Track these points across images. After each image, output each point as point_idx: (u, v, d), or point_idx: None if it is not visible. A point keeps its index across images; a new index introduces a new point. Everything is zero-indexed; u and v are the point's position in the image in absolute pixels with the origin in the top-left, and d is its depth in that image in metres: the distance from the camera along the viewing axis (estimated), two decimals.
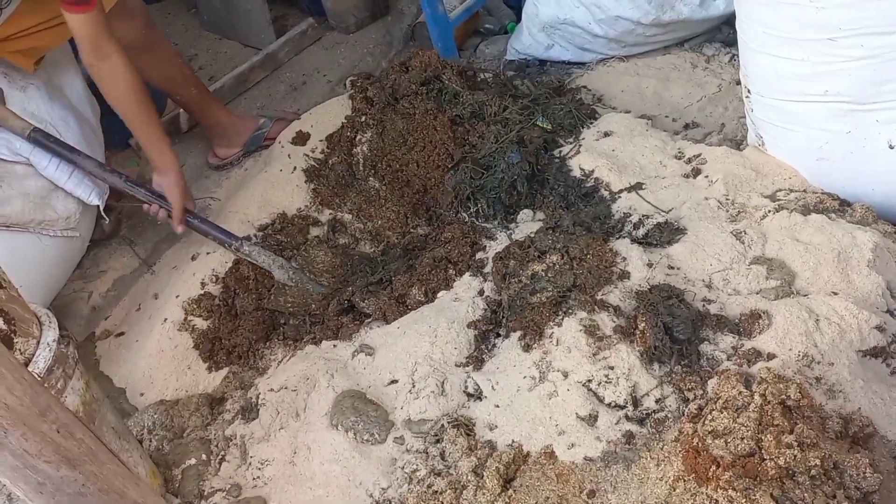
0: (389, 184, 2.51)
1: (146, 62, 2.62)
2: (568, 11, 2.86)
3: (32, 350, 1.49)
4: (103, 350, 2.44)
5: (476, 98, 2.49)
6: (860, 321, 1.67)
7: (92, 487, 1.19)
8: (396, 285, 2.15)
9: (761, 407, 1.47)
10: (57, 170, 2.33)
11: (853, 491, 1.38)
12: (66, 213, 2.39)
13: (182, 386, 2.21)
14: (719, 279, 1.85)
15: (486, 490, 1.54)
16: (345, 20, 3.59)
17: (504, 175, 2.27)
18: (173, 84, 2.82)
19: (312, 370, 1.94)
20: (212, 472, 1.91)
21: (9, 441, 1.07)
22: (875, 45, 1.81)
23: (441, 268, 2.14)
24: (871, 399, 1.58)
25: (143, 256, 2.71)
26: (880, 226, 1.93)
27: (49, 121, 2.36)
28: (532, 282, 1.89)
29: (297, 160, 2.66)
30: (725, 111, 2.65)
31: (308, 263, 2.37)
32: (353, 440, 1.73)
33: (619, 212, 2.12)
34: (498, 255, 2.02)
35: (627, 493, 1.50)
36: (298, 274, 2.32)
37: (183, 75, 2.82)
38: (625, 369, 1.66)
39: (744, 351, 1.66)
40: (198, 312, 2.31)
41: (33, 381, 1.13)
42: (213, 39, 3.81)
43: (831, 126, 1.98)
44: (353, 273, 2.33)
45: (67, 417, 1.19)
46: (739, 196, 2.09)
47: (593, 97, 2.81)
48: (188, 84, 2.83)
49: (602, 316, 1.76)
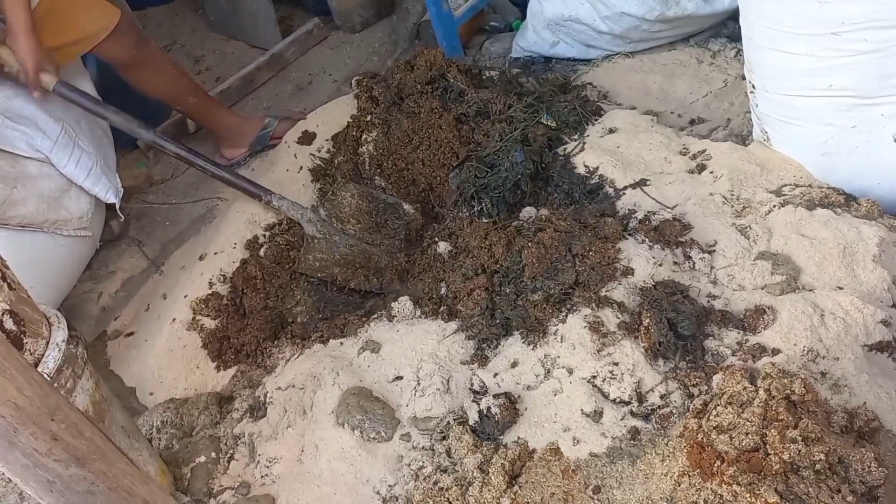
0: (395, 182, 2.52)
1: (141, 78, 2.67)
2: (573, 8, 2.86)
3: (42, 350, 1.51)
4: (113, 350, 2.46)
5: (481, 96, 2.49)
6: (865, 316, 1.67)
7: (101, 486, 1.20)
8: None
9: (766, 402, 1.47)
10: (76, 168, 2.38)
11: (858, 485, 1.37)
12: (79, 212, 2.43)
13: (191, 385, 2.23)
14: (724, 275, 1.85)
15: (491, 486, 1.55)
16: (350, 20, 3.60)
17: (508, 174, 2.27)
18: (171, 96, 2.86)
19: (319, 368, 1.95)
20: (221, 470, 1.93)
21: (19, 440, 1.08)
22: (879, 38, 1.80)
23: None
24: (877, 393, 1.58)
25: (152, 257, 2.73)
26: (886, 220, 1.93)
27: (65, 121, 2.42)
28: (533, 282, 1.90)
29: (304, 160, 2.68)
30: (731, 106, 2.64)
31: (335, 208, 2.40)
32: (359, 438, 1.74)
33: (624, 208, 2.12)
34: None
35: (633, 488, 1.50)
36: (326, 225, 2.36)
37: (180, 86, 2.84)
38: (629, 365, 1.66)
39: (748, 346, 1.67)
40: (206, 312, 2.32)
41: (43, 381, 1.15)
42: (220, 40, 3.83)
43: (836, 121, 1.98)
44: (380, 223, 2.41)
45: (76, 417, 1.20)
46: (744, 191, 2.08)
47: (598, 94, 2.81)
48: (186, 93, 2.86)
49: (606, 312, 1.77)
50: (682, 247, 1.93)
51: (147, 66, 2.69)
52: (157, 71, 2.75)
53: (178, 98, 2.87)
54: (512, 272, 1.97)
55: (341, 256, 2.35)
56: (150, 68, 2.70)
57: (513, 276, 1.97)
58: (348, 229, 2.38)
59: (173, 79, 2.81)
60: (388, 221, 2.40)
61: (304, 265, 2.33)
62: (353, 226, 2.38)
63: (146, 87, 2.74)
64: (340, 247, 2.36)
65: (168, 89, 2.82)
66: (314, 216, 2.38)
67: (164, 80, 2.78)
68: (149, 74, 2.71)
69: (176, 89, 2.83)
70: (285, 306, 2.33)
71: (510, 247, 2.03)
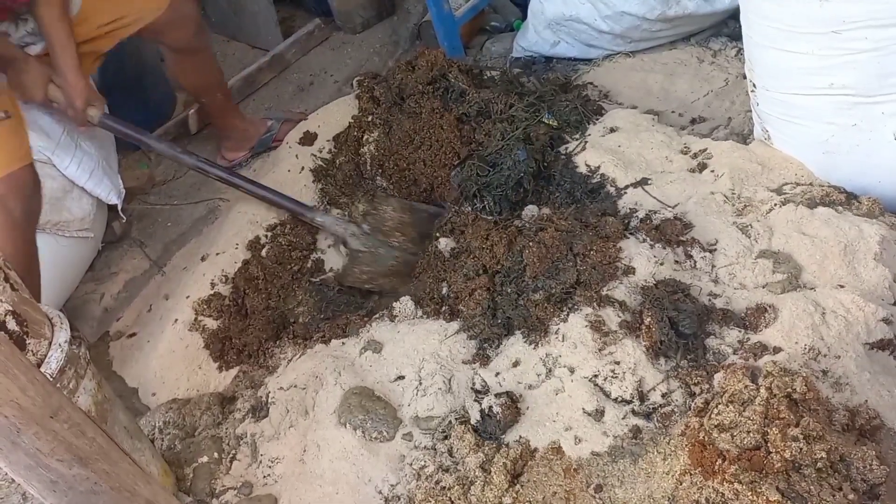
0: (397, 183, 2.53)
1: (190, 66, 2.65)
2: (573, 8, 2.86)
3: (45, 351, 1.51)
4: (116, 350, 2.47)
5: (482, 96, 2.49)
6: (867, 314, 1.67)
7: (104, 485, 1.21)
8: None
9: (767, 400, 1.47)
10: (78, 169, 2.39)
11: (860, 483, 1.37)
12: (81, 213, 2.44)
13: (193, 385, 2.24)
14: (725, 273, 1.85)
15: (493, 486, 1.55)
16: (351, 20, 3.60)
17: (510, 172, 2.27)
18: (206, 88, 2.83)
19: (321, 368, 1.96)
20: (223, 470, 1.93)
21: (22, 440, 1.09)
22: (880, 37, 1.80)
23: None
24: (878, 391, 1.58)
25: (154, 258, 2.74)
26: (887, 218, 1.92)
27: (66, 123, 2.42)
28: (533, 281, 1.90)
29: (305, 160, 2.68)
30: (732, 105, 2.64)
31: (377, 222, 2.41)
32: (361, 438, 1.75)
33: (626, 207, 2.12)
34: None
35: (634, 487, 1.50)
36: (371, 239, 2.38)
37: (217, 81, 2.84)
38: (631, 364, 1.66)
39: (750, 345, 1.67)
40: (208, 312, 2.33)
41: (45, 381, 1.15)
42: (222, 41, 3.82)
43: (837, 119, 1.98)
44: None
45: (79, 417, 1.20)
46: (746, 190, 2.08)
47: (599, 93, 2.80)
48: (217, 90, 2.85)
49: (608, 311, 1.77)
50: (683, 246, 1.93)
51: (199, 55, 2.68)
52: (205, 62, 2.74)
53: (209, 92, 2.84)
54: (513, 272, 1.97)
55: (388, 268, 2.38)
56: (201, 58, 2.70)
57: (514, 275, 1.97)
58: (392, 242, 2.41)
59: (215, 74, 2.81)
60: (431, 231, 2.41)
61: (352, 278, 2.37)
62: (398, 238, 2.41)
63: (189, 76, 2.72)
64: (387, 258, 2.39)
65: (206, 82, 2.80)
66: (358, 230, 2.40)
67: (208, 72, 2.77)
68: (197, 64, 2.70)
69: (212, 83, 2.82)
70: (287, 306, 2.34)
71: (511, 246, 2.04)
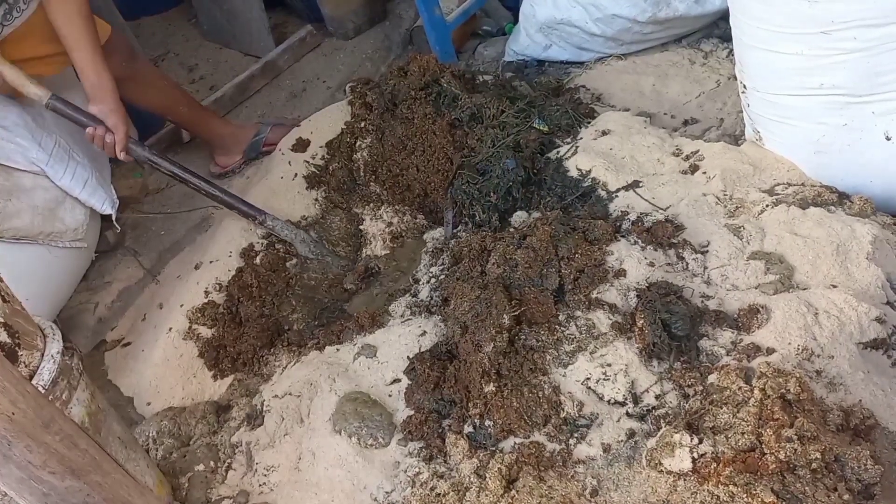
0: (390, 188, 2.53)
1: (132, 92, 2.68)
2: (565, 11, 2.87)
3: (37, 363, 1.50)
4: (111, 360, 2.46)
5: (474, 101, 2.50)
6: (860, 313, 1.67)
7: (97, 497, 1.21)
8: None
9: (761, 402, 1.47)
10: (72, 180, 2.39)
11: (855, 483, 1.38)
12: (75, 224, 2.43)
13: (188, 394, 2.23)
14: (717, 275, 1.85)
15: (488, 491, 1.55)
16: (343, 26, 3.61)
17: (500, 181, 2.28)
18: (163, 107, 2.90)
19: (315, 375, 1.95)
20: (219, 479, 1.92)
21: (13, 453, 1.08)
22: (868, 37, 1.81)
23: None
24: (872, 391, 1.58)
25: (148, 267, 2.74)
26: (879, 217, 1.93)
27: (59, 133, 2.43)
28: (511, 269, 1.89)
29: (298, 167, 2.68)
30: (724, 106, 2.65)
31: (325, 231, 2.49)
32: (356, 445, 1.74)
33: (617, 210, 2.13)
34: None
35: (629, 490, 1.50)
36: (319, 246, 2.44)
37: (172, 97, 2.88)
38: (622, 366, 1.66)
39: (743, 346, 1.67)
40: (202, 321, 2.32)
41: (37, 393, 1.15)
42: (214, 49, 3.84)
43: (828, 119, 1.98)
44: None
45: (71, 428, 1.20)
46: (737, 191, 2.09)
47: (592, 96, 2.81)
48: (178, 104, 2.90)
49: (598, 314, 1.77)
50: (675, 248, 1.93)
51: (138, 80, 2.72)
52: (148, 85, 2.78)
53: (170, 109, 2.91)
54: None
55: (334, 276, 2.43)
56: (140, 82, 2.73)
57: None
58: (339, 251, 2.47)
59: (164, 91, 2.84)
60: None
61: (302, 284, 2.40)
62: (344, 248, 2.47)
63: (138, 100, 2.77)
64: (333, 267, 2.45)
65: (160, 102, 2.86)
66: (307, 237, 2.45)
67: (156, 94, 2.82)
68: (140, 88, 2.74)
69: (168, 101, 2.87)
70: (281, 314, 2.33)
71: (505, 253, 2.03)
